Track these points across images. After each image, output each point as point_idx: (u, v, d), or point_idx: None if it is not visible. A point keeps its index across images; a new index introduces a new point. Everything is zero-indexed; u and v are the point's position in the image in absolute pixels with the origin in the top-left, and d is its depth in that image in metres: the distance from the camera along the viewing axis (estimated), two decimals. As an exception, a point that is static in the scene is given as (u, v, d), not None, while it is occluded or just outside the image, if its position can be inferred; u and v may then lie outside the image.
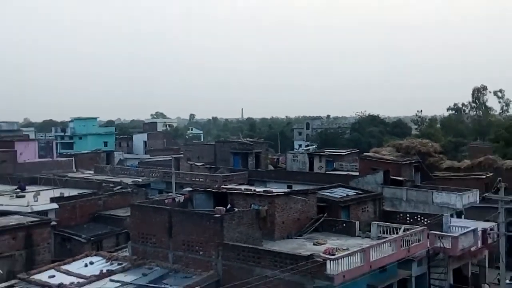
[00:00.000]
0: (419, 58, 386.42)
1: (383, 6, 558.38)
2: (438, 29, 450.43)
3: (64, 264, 29.51)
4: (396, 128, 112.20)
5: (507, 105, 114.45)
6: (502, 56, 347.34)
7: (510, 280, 28.86)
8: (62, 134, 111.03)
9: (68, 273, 27.82)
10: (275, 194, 32.48)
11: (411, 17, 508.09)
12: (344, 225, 33.29)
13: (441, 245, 32.99)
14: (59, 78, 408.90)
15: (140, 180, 56.41)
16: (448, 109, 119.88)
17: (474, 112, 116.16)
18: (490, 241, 36.04)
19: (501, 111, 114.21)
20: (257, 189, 35.86)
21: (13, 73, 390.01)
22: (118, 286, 25.75)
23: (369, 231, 32.33)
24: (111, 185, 49.64)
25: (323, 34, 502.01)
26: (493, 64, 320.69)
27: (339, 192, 38.67)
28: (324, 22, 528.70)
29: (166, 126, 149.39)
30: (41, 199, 40.98)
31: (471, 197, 43.81)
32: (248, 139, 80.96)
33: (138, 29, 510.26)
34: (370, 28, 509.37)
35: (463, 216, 41.57)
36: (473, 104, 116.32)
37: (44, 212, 36.72)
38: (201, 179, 54.84)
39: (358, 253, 25.77)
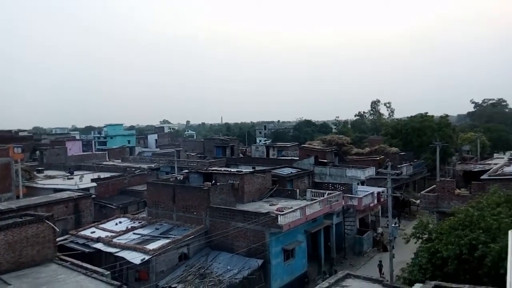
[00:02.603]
0: (341, 84, 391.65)
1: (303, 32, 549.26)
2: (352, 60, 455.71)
3: (101, 223, 28.95)
4: (322, 128, 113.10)
5: (392, 112, 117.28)
6: (392, 78, 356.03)
7: (394, 224, 29.61)
8: (99, 135, 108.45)
9: (104, 229, 27.33)
10: (244, 173, 32.54)
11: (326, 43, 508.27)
12: (289, 192, 33.47)
13: (351, 203, 33.69)
14: (95, 95, 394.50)
15: (153, 165, 55.49)
16: (355, 115, 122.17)
17: (372, 117, 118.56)
18: (382, 199, 36.90)
19: (388, 116, 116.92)
20: (232, 170, 35.82)
21: (63, 92, 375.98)
22: (139, 237, 25.40)
23: (305, 196, 32.72)
24: (133, 169, 48.74)
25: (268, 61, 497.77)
26: (385, 84, 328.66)
27: (286, 171, 38.96)
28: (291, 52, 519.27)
29: (170, 129, 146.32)
30: (85, 180, 40.03)
31: (370, 171, 44.61)
32: (225, 137, 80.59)
33: (150, 61, 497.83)
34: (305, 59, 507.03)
35: (365, 184, 42.29)
36: (371, 112, 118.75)
37: (87, 189, 35.91)
38: (194, 164, 54.25)
39: (298, 210, 26.11)
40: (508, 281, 7.24)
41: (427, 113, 66.35)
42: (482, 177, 28.98)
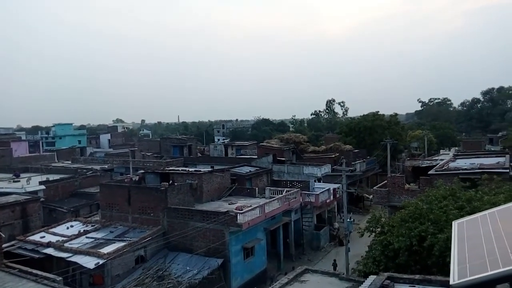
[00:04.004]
0: (297, 83, 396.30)
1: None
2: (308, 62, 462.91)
3: (51, 228, 27.54)
4: (280, 127, 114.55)
5: (346, 111, 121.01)
6: (348, 79, 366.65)
7: (349, 219, 30.64)
8: (47, 135, 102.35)
9: (54, 234, 26.03)
10: (202, 172, 32.39)
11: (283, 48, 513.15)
12: (248, 190, 33.81)
13: (309, 200, 34.48)
14: (42, 92, 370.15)
15: (106, 166, 53.44)
16: (311, 114, 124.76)
17: (327, 116, 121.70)
18: (337, 195, 37.99)
19: (343, 114, 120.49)
20: (190, 169, 35.54)
21: (7, 88, 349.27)
22: (92, 241, 24.43)
23: (264, 194, 33.05)
24: (84, 170, 46.66)
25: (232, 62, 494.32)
26: (340, 84, 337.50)
27: (245, 169, 39.18)
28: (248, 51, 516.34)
29: (124, 128, 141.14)
30: (32, 183, 37.91)
31: (326, 169, 45.56)
32: (183, 136, 79.44)
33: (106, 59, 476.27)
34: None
35: (321, 181, 43.09)
36: (327, 111, 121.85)
37: (35, 192, 34.03)
38: (150, 164, 52.89)
39: (258, 208, 26.37)
40: (451, 268, 7.76)
41: (378, 112, 69.26)
42: (429, 172, 30.66)
